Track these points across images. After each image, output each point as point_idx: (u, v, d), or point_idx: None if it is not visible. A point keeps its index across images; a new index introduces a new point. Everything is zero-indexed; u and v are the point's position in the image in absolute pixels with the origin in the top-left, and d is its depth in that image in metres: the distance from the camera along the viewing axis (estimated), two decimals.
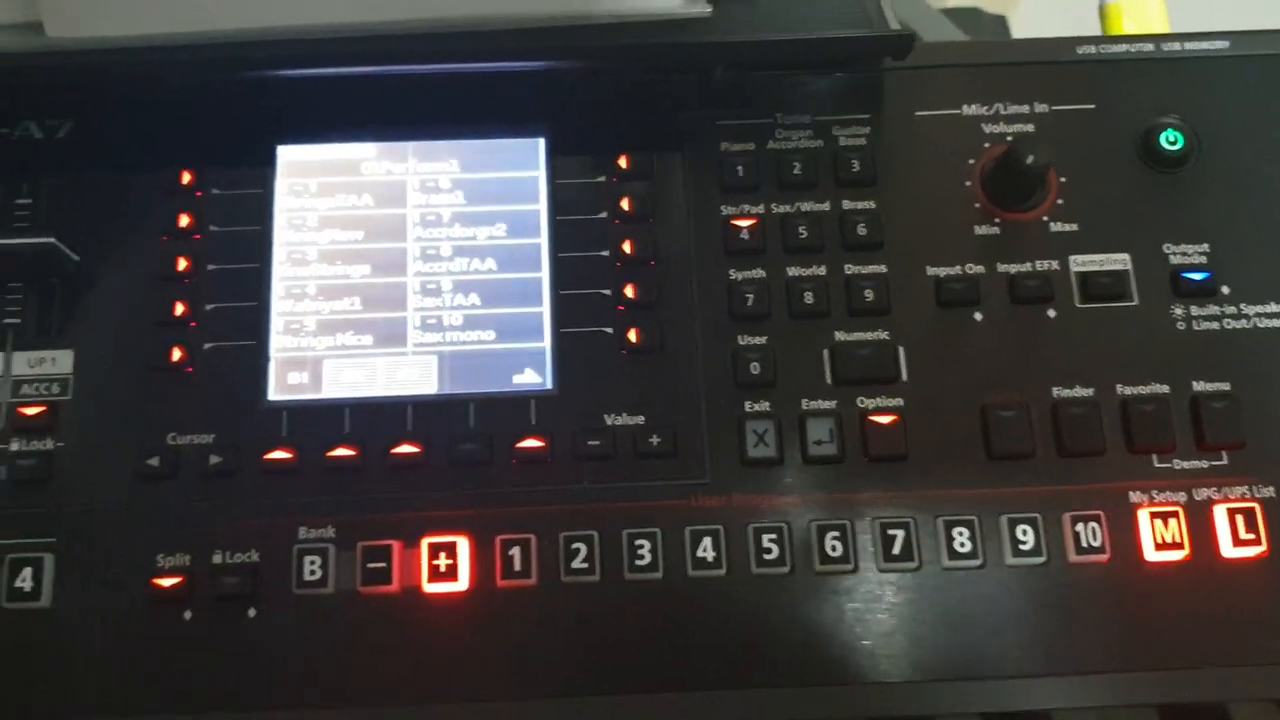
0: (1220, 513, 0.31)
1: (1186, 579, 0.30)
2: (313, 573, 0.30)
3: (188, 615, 0.30)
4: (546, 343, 0.32)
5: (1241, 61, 0.34)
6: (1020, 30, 0.58)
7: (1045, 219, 0.33)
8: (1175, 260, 0.33)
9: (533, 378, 0.32)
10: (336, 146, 0.34)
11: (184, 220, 0.33)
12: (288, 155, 0.34)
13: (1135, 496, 0.31)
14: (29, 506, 0.31)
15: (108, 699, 0.29)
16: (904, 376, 0.31)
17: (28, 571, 0.30)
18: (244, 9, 0.32)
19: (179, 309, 0.32)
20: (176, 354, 0.32)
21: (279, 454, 0.31)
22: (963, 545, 0.30)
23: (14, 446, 0.31)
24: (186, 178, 0.33)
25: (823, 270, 0.32)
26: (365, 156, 0.34)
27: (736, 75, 0.33)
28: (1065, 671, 0.30)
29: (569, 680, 0.30)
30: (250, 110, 0.34)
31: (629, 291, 0.32)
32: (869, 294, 0.32)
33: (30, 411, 0.31)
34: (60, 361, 0.32)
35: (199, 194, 0.33)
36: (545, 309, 0.33)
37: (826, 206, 0.33)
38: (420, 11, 0.32)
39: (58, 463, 0.31)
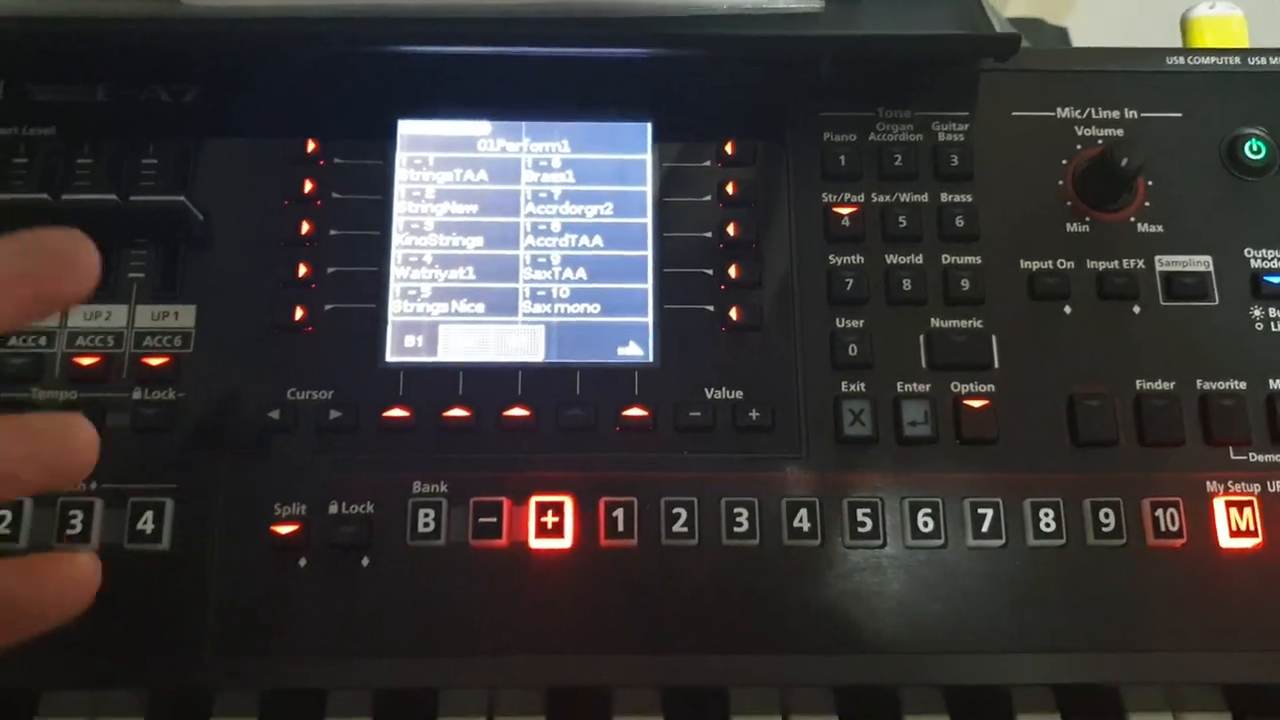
0: None
1: (1259, 565, 0.31)
2: (426, 525, 0.31)
3: (303, 562, 0.31)
4: (649, 318, 0.34)
5: None
6: (1078, 41, 0.60)
7: (1133, 220, 0.34)
8: (1255, 264, 0.34)
9: (635, 350, 0.33)
10: (454, 123, 0.35)
11: (308, 186, 0.34)
12: (408, 129, 0.35)
13: (1212, 486, 0.32)
14: (151, 453, 0.32)
15: (223, 640, 0.31)
16: (996, 364, 0.33)
17: (149, 514, 0.31)
18: None
19: (302, 270, 0.33)
20: (299, 313, 0.33)
21: (396, 412, 0.32)
22: (1048, 525, 0.32)
23: (137, 395, 0.33)
24: (311, 146, 0.34)
25: (920, 259, 0.34)
26: (481, 133, 0.35)
27: (841, 69, 0.35)
28: (1137, 648, 0.31)
29: (665, 637, 0.31)
30: (373, 83, 0.35)
31: (731, 271, 0.34)
32: (965, 283, 0.33)
33: (153, 362, 0.33)
34: (183, 316, 0.33)
35: (322, 162, 0.34)
36: (649, 286, 0.34)
37: (925, 198, 0.34)
38: None
39: (179, 412, 0.32)
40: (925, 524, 0.31)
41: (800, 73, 0.35)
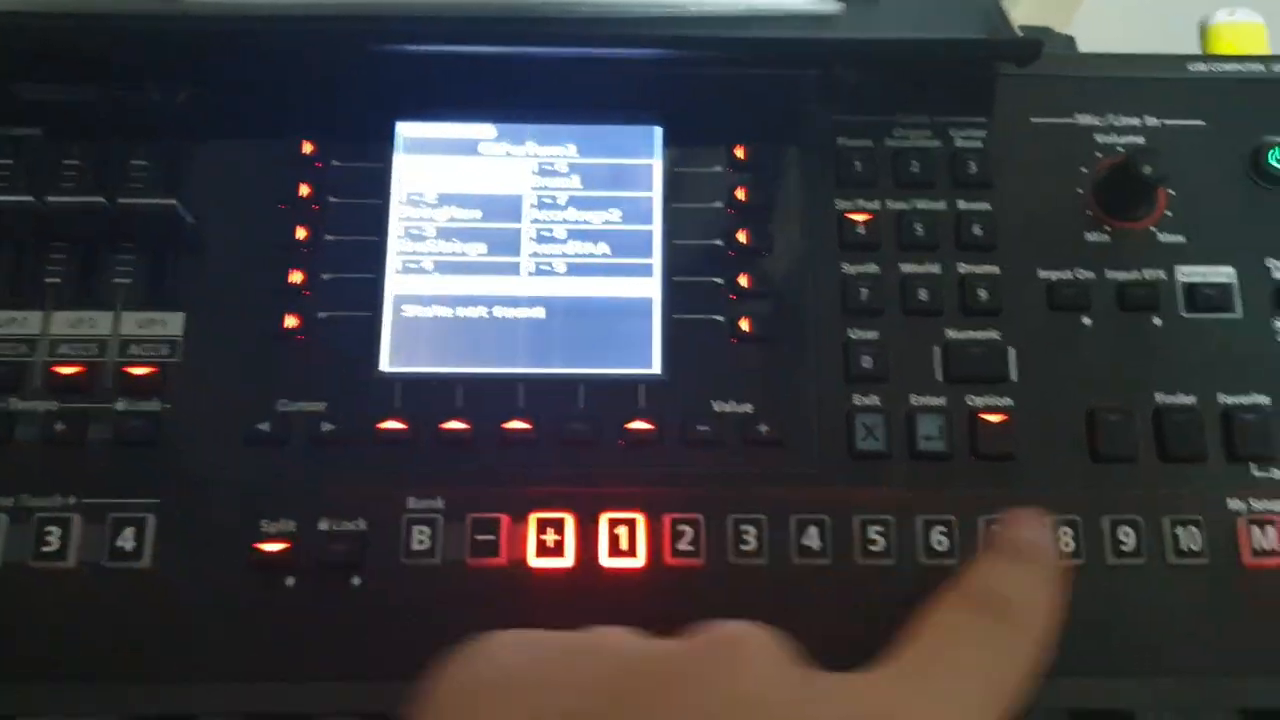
0: None
1: None
2: (421, 543, 0.30)
3: (290, 582, 0.30)
4: (656, 328, 0.32)
5: None
6: (1084, 48, 0.59)
7: (1153, 229, 0.33)
8: (1278, 275, 0.33)
9: (642, 361, 0.32)
10: (456, 125, 0.34)
11: (303, 190, 0.33)
12: (407, 131, 0.34)
13: (1234, 504, 0.31)
14: (134, 466, 0.31)
15: (206, 662, 0.29)
16: (1013, 377, 0.32)
17: (129, 531, 0.30)
18: None
19: (295, 277, 0.32)
20: (291, 321, 0.32)
21: (392, 424, 0.31)
22: (1066, 544, 0.30)
23: (120, 406, 0.31)
24: (307, 148, 0.33)
25: (936, 268, 0.33)
26: (484, 136, 0.34)
27: (857, 73, 0.34)
28: (1156, 671, 0.30)
29: None
30: (372, 84, 0.34)
31: (742, 280, 0.33)
32: (982, 294, 0.32)
33: (138, 372, 0.31)
34: (171, 324, 0.32)
35: (319, 165, 0.33)
36: (656, 294, 0.33)
37: (942, 206, 0.33)
38: None
39: (165, 424, 0.31)
40: (940, 543, 0.30)
41: (814, 76, 0.34)
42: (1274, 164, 0.33)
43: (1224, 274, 0.33)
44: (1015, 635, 0.24)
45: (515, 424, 0.31)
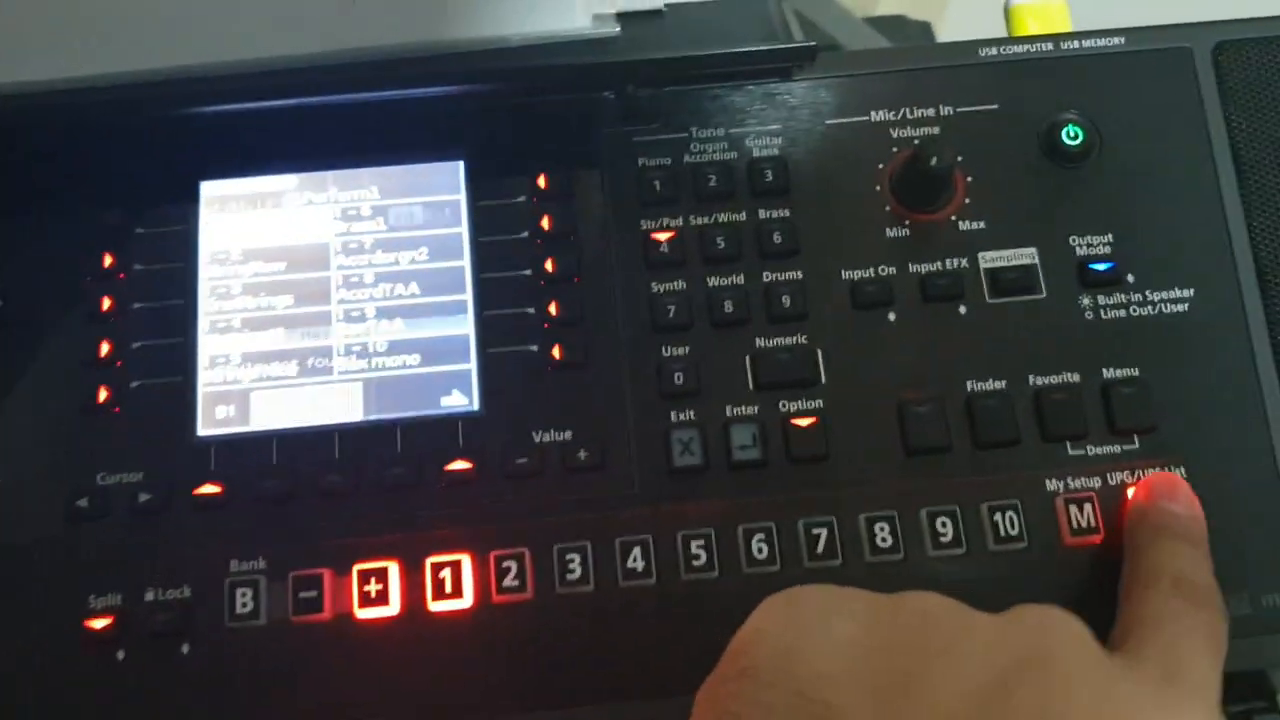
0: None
1: (1101, 561, 0.31)
2: (244, 605, 0.30)
3: (121, 655, 0.30)
4: (472, 364, 0.33)
5: (1137, 57, 0.36)
6: (946, 37, 0.59)
7: (954, 218, 0.34)
8: (1081, 252, 0.33)
9: (459, 399, 0.32)
10: (258, 180, 0.34)
11: (108, 260, 0.33)
12: (210, 191, 0.34)
13: (1051, 484, 0.31)
14: None
15: None
16: (823, 378, 0.32)
17: None
18: (161, 50, 0.33)
19: (104, 349, 0.32)
20: (103, 394, 0.32)
21: (208, 488, 0.31)
22: (884, 540, 0.31)
23: None
24: (111, 218, 0.33)
25: (741, 279, 0.33)
26: (286, 188, 0.34)
27: (651, 92, 0.34)
28: None
29: (503, 698, 0.30)
30: (173, 148, 0.34)
31: (552, 309, 0.33)
32: (786, 300, 0.32)
33: None
34: None
35: (124, 234, 0.33)
36: (470, 330, 0.33)
37: (743, 217, 0.33)
38: (335, 43, 0.33)
39: None
40: (759, 550, 0.31)
41: (610, 99, 0.34)
42: (1067, 141, 0.34)
43: (1026, 256, 0.33)
44: (1212, 616, 0.27)
45: (333, 476, 0.31)
